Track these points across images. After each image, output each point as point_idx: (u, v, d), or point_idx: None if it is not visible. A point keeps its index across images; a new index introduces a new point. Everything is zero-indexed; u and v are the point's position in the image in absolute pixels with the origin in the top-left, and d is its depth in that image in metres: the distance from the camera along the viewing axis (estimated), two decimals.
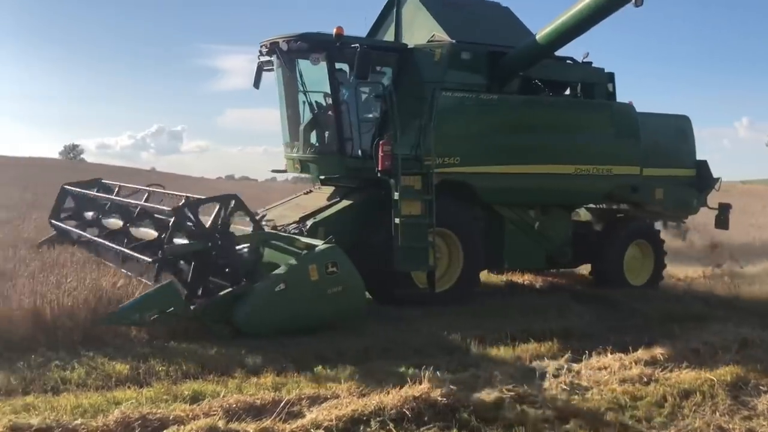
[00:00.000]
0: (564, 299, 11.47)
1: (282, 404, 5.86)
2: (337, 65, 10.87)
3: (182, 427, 5.32)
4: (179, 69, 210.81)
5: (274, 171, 13.73)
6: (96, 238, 10.54)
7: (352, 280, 8.67)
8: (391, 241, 9.95)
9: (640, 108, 12.67)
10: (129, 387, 6.34)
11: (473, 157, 10.90)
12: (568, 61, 12.32)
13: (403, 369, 7.16)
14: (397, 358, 7.79)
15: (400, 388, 6.15)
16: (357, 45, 10.22)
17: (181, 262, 8.62)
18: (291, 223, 10.65)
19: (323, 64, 10.62)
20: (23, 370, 6.45)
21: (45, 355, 6.85)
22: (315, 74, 10.95)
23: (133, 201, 10.66)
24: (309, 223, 10.43)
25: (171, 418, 5.51)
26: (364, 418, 5.67)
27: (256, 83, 12.00)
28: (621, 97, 12.61)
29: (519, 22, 12.58)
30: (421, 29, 11.62)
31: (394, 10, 12.23)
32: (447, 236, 10.77)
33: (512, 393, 6.37)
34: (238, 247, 8.75)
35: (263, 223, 10.89)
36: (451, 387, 6.22)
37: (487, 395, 6.26)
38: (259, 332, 7.92)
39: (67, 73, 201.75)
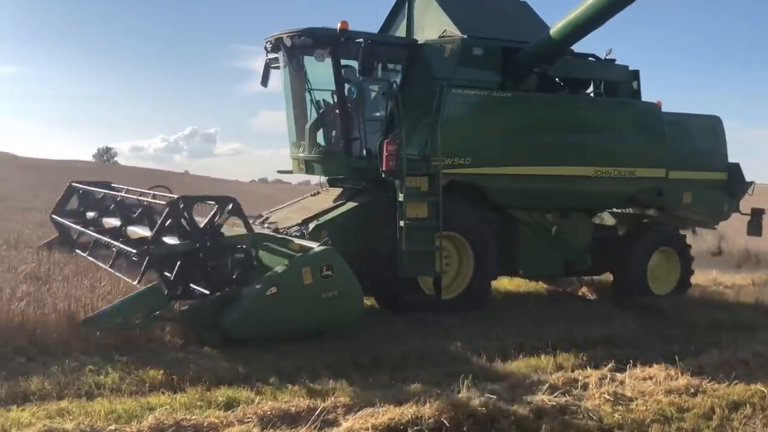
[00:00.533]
0: (606, 306, 11.28)
1: (317, 412, 5.82)
2: (348, 62, 10.53)
3: None
4: (213, 71, 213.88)
5: (279, 171, 13.18)
6: (93, 233, 10.35)
7: (349, 285, 8.30)
8: (396, 245, 9.69)
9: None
10: (163, 392, 6.32)
11: (484, 158, 10.51)
12: (590, 59, 11.86)
13: (440, 377, 7.08)
14: (434, 365, 7.72)
15: (438, 397, 6.09)
16: (361, 40, 9.90)
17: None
18: (292, 226, 10.33)
19: (329, 61, 10.35)
20: (57, 375, 6.43)
21: (79, 359, 6.83)
22: (321, 71, 10.70)
23: (133, 196, 10.44)
24: (311, 225, 10.09)
25: (205, 424, 5.53)
26: (401, 427, 5.60)
27: (264, 81, 11.76)
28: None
29: (536, 17, 12.08)
30: (432, 25, 11.29)
31: (406, 5, 11.92)
32: (456, 240, 10.44)
33: (553, 403, 6.25)
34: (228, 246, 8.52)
35: (265, 225, 10.79)
36: (490, 396, 6.10)
37: (528, 405, 6.15)
38: (247, 338, 7.66)
39: (99, 76, 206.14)
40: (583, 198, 11.50)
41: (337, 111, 10.70)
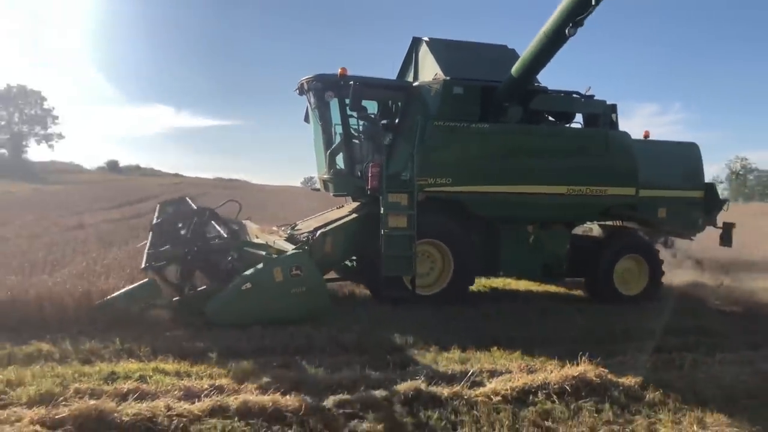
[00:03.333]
0: (702, 304, 12.84)
1: (468, 375, 7.02)
2: (363, 102, 11.84)
3: (395, 387, 6.58)
4: None
5: (313, 189, 15.70)
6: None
7: (315, 282, 9.69)
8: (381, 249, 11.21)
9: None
10: (352, 353, 7.98)
11: (463, 178, 11.82)
12: (574, 95, 12.92)
13: (563, 353, 8.09)
14: (556, 344, 8.88)
15: (561, 368, 7.22)
16: (351, 82, 11.36)
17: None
18: (304, 232, 12.02)
19: (336, 100, 11.95)
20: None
21: (285, 328, 8.86)
22: (336, 109, 12.26)
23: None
24: (318, 232, 11.56)
25: (384, 379, 6.88)
26: (533, 390, 6.73)
27: (306, 118, 13.55)
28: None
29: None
30: (429, 70, 12.78)
31: (413, 55, 13.53)
32: (440, 247, 11.87)
33: (656, 378, 7.28)
34: (215, 248, 10.28)
35: (288, 231, 12.70)
36: (604, 370, 7.18)
37: (634, 378, 7.16)
38: (226, 323, 8.95)
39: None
40: (557, 212, 12.60)
41: (344, 141, 12.28)
